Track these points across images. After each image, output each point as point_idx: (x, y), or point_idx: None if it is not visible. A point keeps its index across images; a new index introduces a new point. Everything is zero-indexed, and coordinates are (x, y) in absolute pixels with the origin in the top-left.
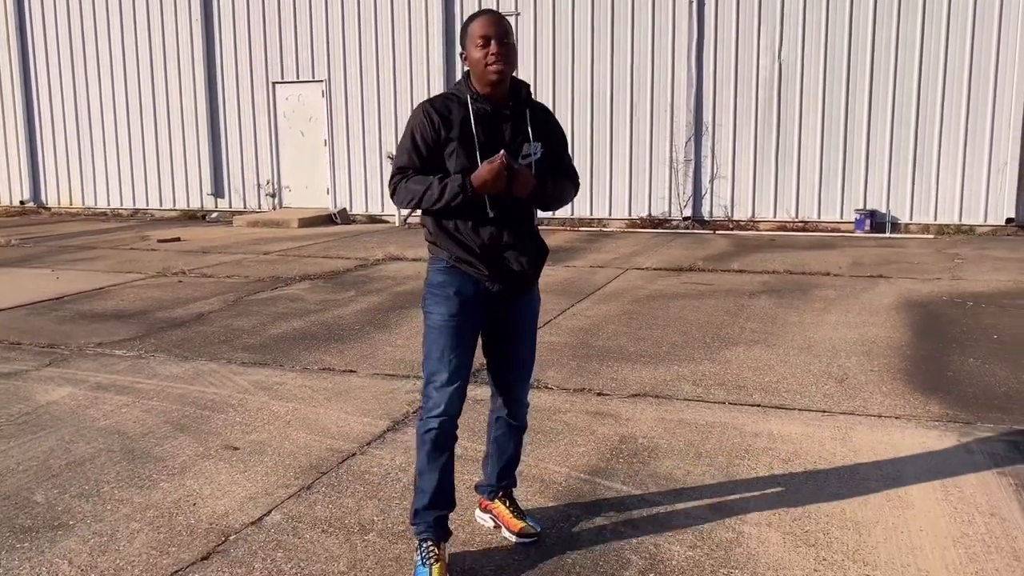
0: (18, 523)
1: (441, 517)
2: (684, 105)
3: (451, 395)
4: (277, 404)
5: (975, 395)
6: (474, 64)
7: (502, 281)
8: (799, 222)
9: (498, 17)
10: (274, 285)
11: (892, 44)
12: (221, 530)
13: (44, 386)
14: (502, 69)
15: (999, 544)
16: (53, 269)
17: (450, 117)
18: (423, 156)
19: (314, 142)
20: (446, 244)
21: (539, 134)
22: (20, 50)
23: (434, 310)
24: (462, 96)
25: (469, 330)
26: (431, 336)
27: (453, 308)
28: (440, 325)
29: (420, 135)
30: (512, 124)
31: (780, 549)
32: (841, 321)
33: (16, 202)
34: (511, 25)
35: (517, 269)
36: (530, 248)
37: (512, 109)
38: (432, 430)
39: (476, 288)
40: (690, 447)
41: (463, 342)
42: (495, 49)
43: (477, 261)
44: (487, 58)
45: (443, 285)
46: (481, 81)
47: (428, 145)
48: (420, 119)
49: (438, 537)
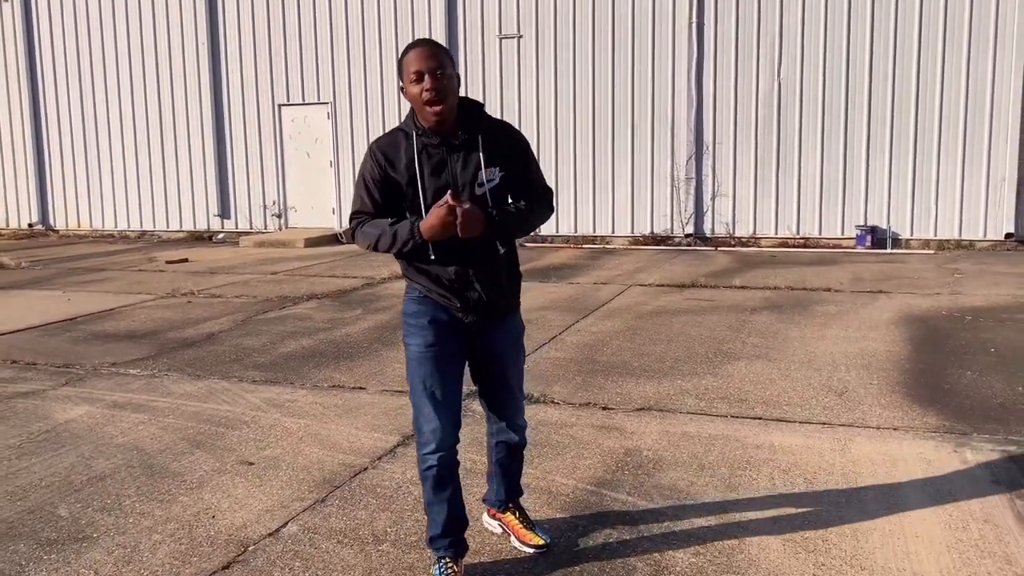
0: (44, 536)
1: (456, 540)
2: (685, 124)
3: (440, 428)
4: (289, 420)
5: (972, 407)
6: (412, 99)
7: (474, 313)
8: (800, 238)
9: (432, 49)
10: (282, 304)
11: (890, 61)
12: (240, 541)
13: (62, 405)
14: (439, 105)
15: (992, 549)
16: (64, 291)
17: (397, 155)
18: (375, 198)
19: (320, 163)
20: (417, 278)
21: (495, 158)
22: (29, 73)
23: (411, 341)
24: (408, 132)
25: (449, 358)
26: (411, 368)
27: (429, 338)
28: (419, 356)
29: (370, 177)
30: (463, 154)
31: (780, 555)
32: (841, 336)
33: (25, 225)
34: (447, 55)
35: (486, 300)
36: (499, 279)
37: (461, 138)
38: (432, 467)
39: (451, 315)
40: (693, 459)
41: (444, 370)
42: (429, 84)
43: (448, 293)
44: (422, 94)
45: (417, 315)
46: (422, 116)
47: (378, 187)
48: (368, 162)
49: (455, 555)
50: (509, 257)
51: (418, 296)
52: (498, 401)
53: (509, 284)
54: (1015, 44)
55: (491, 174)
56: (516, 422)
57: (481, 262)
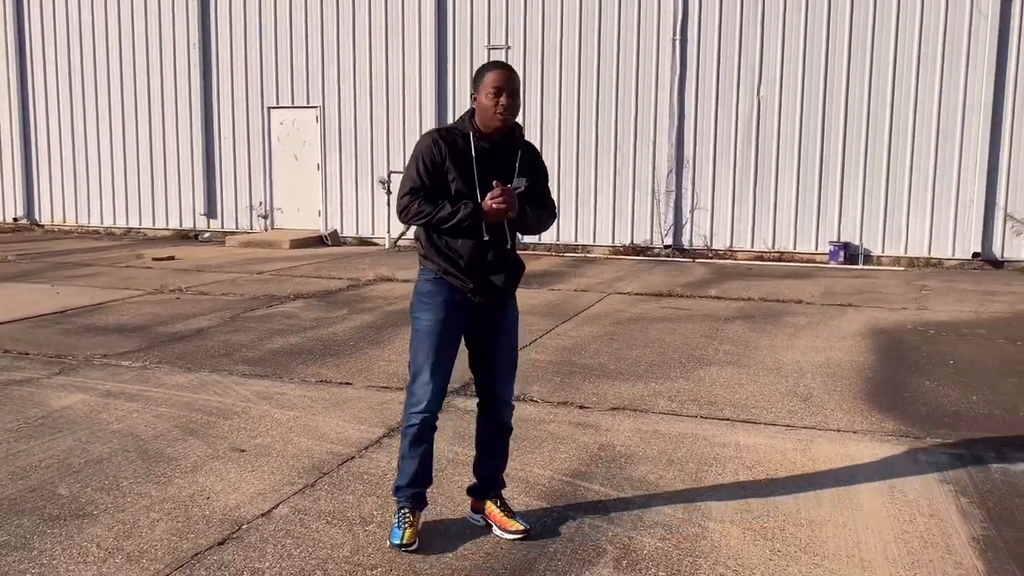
0: (46, 512)
1: (418, 492)
2: (666, 138)
3: (432, 392)
4: (278, 412)
5: (927, 414)
6: (483, 109)
7: (483, 293)
8: (775, 252)
9: (512, 73)
10: (269, 303)
11: (865, 84)
12: (234, 520)
13: (56, 393)
14: (509, 119)
15: (935, 540)
16: (53, 284)
17: (455, 148)
18: (428, 178)
19: (307, 166)
20: (436, 259)
21: (525, 170)
22: (19, 68)
23: (422, 316)
24: (465, 131)
25: (452, 334)
26: (418, 338)
27: (440, 314)
28: (427, 329)
29: (428, 160)
30: (504, 159)
31: (740, 542)
32: (809, 346)
33: (9, 219)
34: (520, 80)
35: (498, 284)
36: (509, 266)
37: (507, 148)
38: (414, 425)
39: (460, 298)
40: (663, 455)
41: (446, 344)
42: (505, 101)
43: (463, 275)
44: (497, 108)
45: (431, 294)
46: (486, 124)
47: (433, 169)
48: (429, 146)
49: (414, 506)
50: (513, 248)
51: (433, 277)
52: (494, 375)
53: (515, 271)
54: (985, 71)
55: (519, 182)
56: (507, 399)
57: (499, 249)
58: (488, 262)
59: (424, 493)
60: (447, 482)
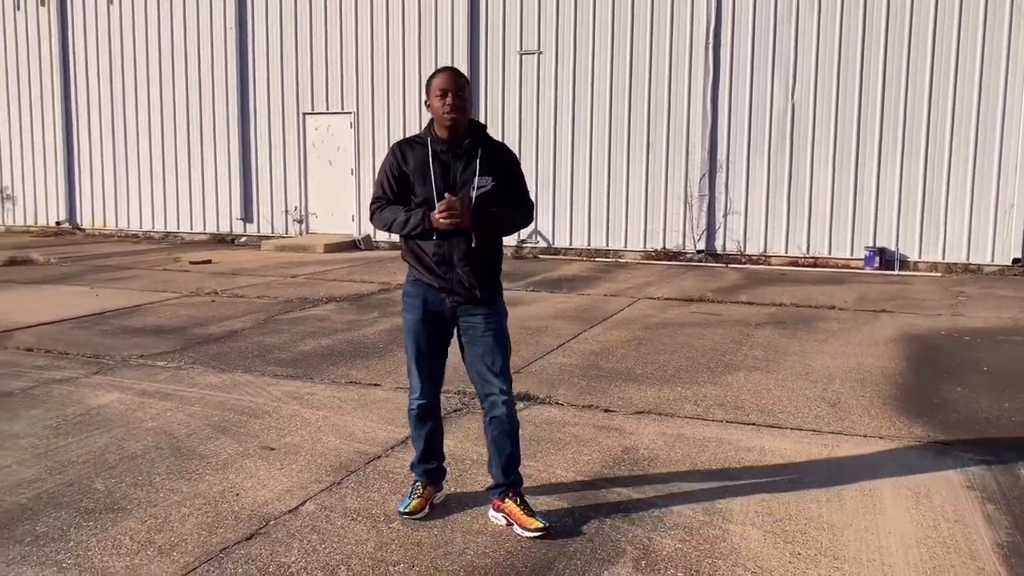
0: (83, 506)
1: (430, 468)
2: (699, 142)
3: (423, 382)
4: (308, 412)
5: (958, 420)
6: (434, 112)
7: (454, 294)
8: (810, 258)
9: (456, 74)
10: (302, 306)
11: (902, 86)
12: (262, 516)
13: (94, 391)
14: (456, 118)
15: (959, 546)
16: (92, 287)
17: (413, 155)
18: (392, 187)
19: (341, 171)
20: (411, 261)
21: (489, 169)
22: (62, 76)
23: (406, 315)
24: (424, 139)
25: (433, 332)
26: (407, 336)
27: (419, 314)
28: (409, 327)
29: (389, 170)
30: (464, 161)
31: (760, 544)
32: (840, 351)
33: (52, 223)
34: (467, 80)
35: (466, 284)
36: (479, 268)
37: (465, 148)
38: (414, 409)
39: (436, 299)
40: (687, 458)
41: (429, 341)
42: (451, 101)
43: (432, 277)
44: (444, 108)
45: (412, 295)
46: (439, 126)
47: (396, 178)
48: (390, 158)
49: (427, 481)
50: (486, 250)
51: (413, 280)
52: (482, 368)
53: (485, 272)
54: None
55: (484, 181)
56: (504, 390)
57: (462, 249)
58: (455, 263)
59: (436, 470)
60: (471, 482)
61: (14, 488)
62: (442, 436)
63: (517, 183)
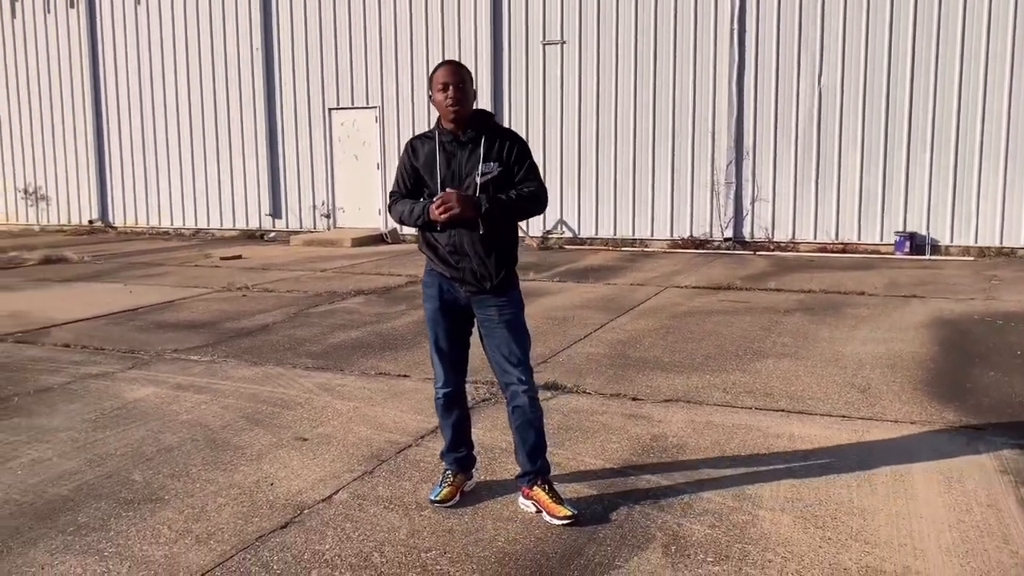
0: (122, 496)
1: (459, 457)
2: (725, 129)
3: (446, 370)
4: (339, 403)
5: (991, 405)
6: (437, 105)
7: (466, 284)
8: (839, 244)
9: (455, 67)
10: (331, 299)
11: (931, 68)
12: (296, 505)
13: (130, 385)
14: (458, 110)
15: (992, 530)
16: (126, 283)
17: (422, 150)
18: (406, 182)
19: (367, 165)
20: (425, 251)
21: (495, 155)
22: (92, 76)
23: (425, 305)
24: (433, 133)
25: (451, 322)
26: (428, 324)
27: (436, 304)
28: (430, 317)
29: (403, 165)
30: (469, 150)
31: (790, 529)
32: (870, 337)
33: (85, 221)
34: (468, 73)
35: (478, 272)
36: (490, 258)
37: (469, 137)
38: (439, 398)
39: (451, 289)
40: (716, 445)
41: (447, 330)
42: (451, 94)
43: (446, 267)
44: (445, 100)
45: (428, 285)
46: (443, 118)
47: (408, 173)
48: (403, 154)
49: (457, 469)
50: (496, 239)
51: (429, 270)
52: (500, 358)
53: (496, 260)
54: None
55: (488, 167)
56: (524, 380)
57: (473, 239)
58: (464, 252)
59: (465, 458)
60: (500, 470)
61: (56, 480)
62: (470, 424)
63: (526, 168)
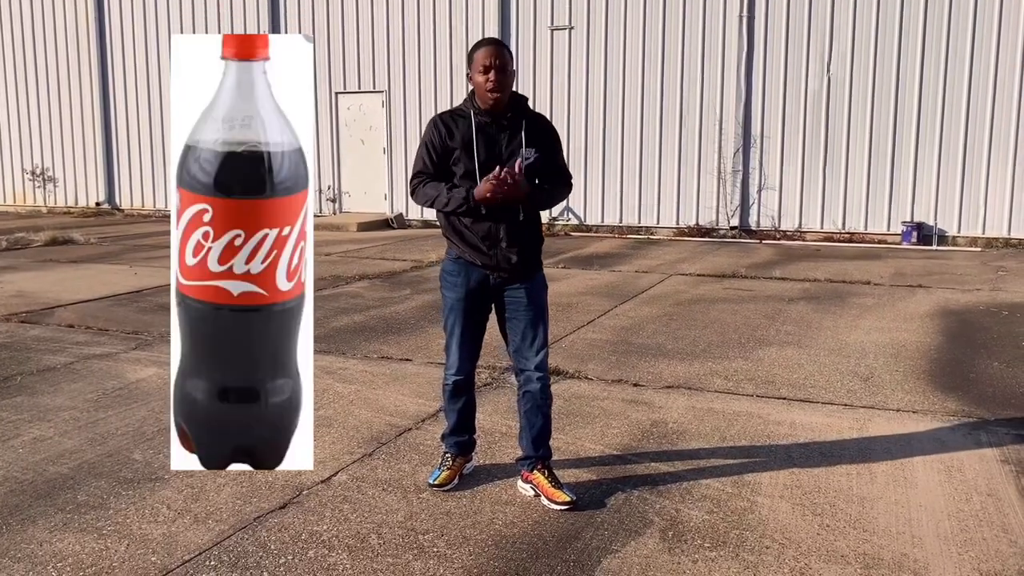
0: (122, 476)
1: (461, 441)
2: (733, 117)
3: (460, 358)
4: (341, 386)
5: (993, 395)
6: (476, 86)
7: (499, 271)
8: (845, 233)
9: (498, 48)
10: (335, 283)
11: (942, 56)
12: (295, 486)
13: (133, 366)
14: (498, 94)
15: (991, 519)
16: (131, 266)
17: (456, 129)
18: (434, 161)
19: (374, 150)
20: (453, 238)
21: (533, 141)
22: (100, 59)
23: (447, 293)
24: (466, 111)
25: (474, 310)
26: (446, 313)
27: (460, 293)
28: (452, 306)
29: (431, 144)
30: (509, 133)
31: (789, 516)
32: (874, 326)
33: (92, 204)
34: (510, 55)
35: (513, 260)
36: (524, 241)
37: (509, 120)
38: (449, 385)
39: (479, 276)
40: (716, 431)
41: (470, 319)
42: (493, 77)
43: (476, 254)
44: (486, 84)
45: (453, 273)
46: (481, 100)
47: (438, 152)
48: (431, 130)
49: (456, 452)
50: (531, 224)
51: (454, 257)
52: (521, 345)
53: (530, 245)
54: None
55: (529, 153)
56: (540, 367)
57: (509, 225)
58: (500, 239)
59: (466, 442)
60: (499, 453)
61: (56, 458)
62: (475, 410)
63: (558, 154)
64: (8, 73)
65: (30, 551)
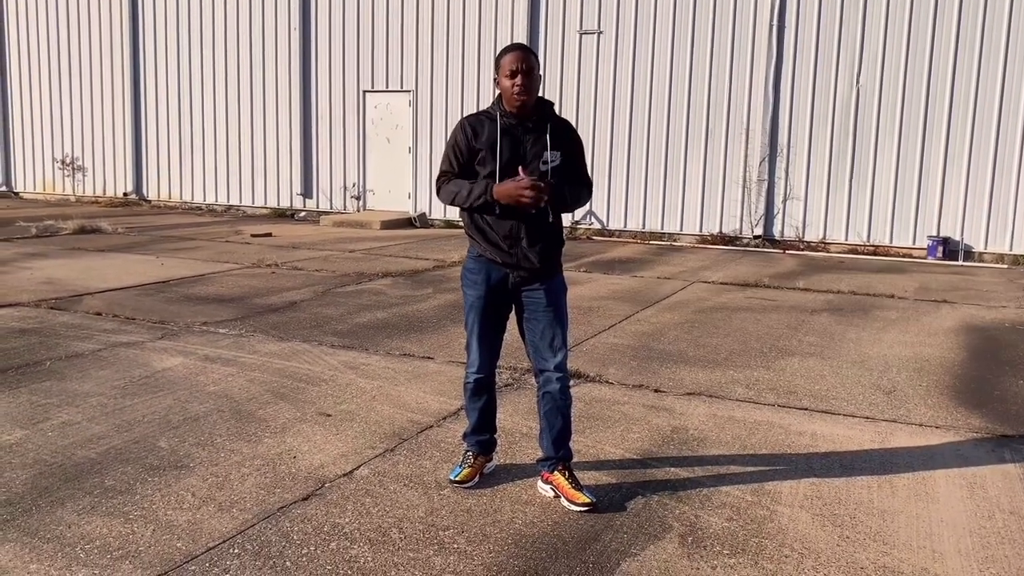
0: (148, 462)
1: (483, 440)
2: (759, 126)
3: (481, 357)
4: (364, 381)
5: (1018, 412)
6: (503, 90)
7: (519, 270)
8: (870, 246)
9: (525, 53)
10: (359, 280)
11: (973, 71)
12: (318, 479)
13: (159, 355)
14: (524, 98)
15: (1013, 537)
16: (158, 256)
17: (482, 130)
18: (460, 162)
19: (399, 149)
20: (476, 236)
21: (557, 145)
22: (132, 53)
23: (468, 291)
24: (493, 114)
25: (494, 308)
26: (467, 311)
27: (481, 291)
28: (472, 303)
29: (456, 143)
30: (533, 136)
31: (808, 527)
32: (898, 340)
33: (120, 194)
34: (537, 59)
35: (534, 261)
36: (544, 243)
37: (535, 123)
38: (470, 383)
39: (499, 274)
40: (736, 440)
41: (490, 317)
42: (520, 82)
43: (497, 252)
44: (513, 88)
45: (474, 271)
46: (508, 103)
47: (463, 153)
48: (459, 132)
49: (478, 451)
50: (554, 227)
51: (476, 255)
52: (541, 344)
53: (551, 247)
54: None
55: (554, 156)
56: (560, 367)
57: (531, 225)
58: (521, 238)
59: (488, 441)
60: (520, 454)
61: (84, 443)
62: (496, 410)
63: (580, 160)
64: (42, 64)
65: (59, 532)
